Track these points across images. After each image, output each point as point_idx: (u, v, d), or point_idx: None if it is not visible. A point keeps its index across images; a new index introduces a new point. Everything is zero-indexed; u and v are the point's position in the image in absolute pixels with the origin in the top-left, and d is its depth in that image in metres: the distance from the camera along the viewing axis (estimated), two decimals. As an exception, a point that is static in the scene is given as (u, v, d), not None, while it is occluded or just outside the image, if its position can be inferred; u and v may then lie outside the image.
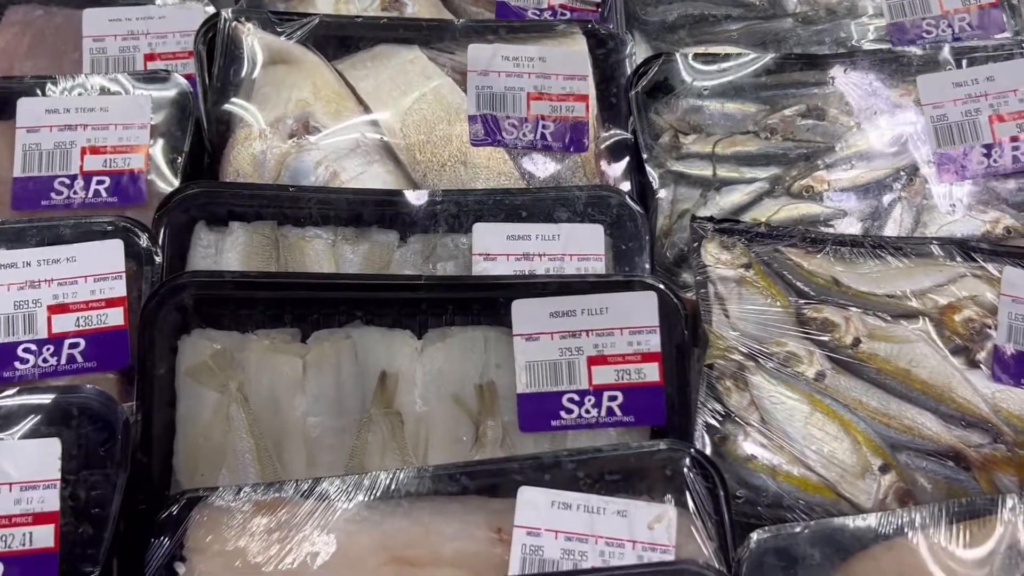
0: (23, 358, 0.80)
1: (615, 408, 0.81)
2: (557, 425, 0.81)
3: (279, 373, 0.81)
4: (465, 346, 0.83)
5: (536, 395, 0.81)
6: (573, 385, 0.82)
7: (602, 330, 0.82)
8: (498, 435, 0.81)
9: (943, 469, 0.83)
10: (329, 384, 0.81)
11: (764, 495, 0.81)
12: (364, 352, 0.82)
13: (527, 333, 0.82)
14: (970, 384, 0.85)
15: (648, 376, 0.82)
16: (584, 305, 0.82)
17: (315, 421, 0.80)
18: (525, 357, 0.82)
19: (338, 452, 0.80)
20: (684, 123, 1.02)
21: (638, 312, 0.82)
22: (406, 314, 0.84)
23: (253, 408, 0.79)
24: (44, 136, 0.92)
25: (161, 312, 0.79)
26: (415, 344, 0.83)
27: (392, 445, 0.80)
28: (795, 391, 0.84)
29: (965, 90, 0.98)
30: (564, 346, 0.82)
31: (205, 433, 0.78)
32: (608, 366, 0.82)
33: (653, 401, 0.82)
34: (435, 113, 0.98)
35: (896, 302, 0.88)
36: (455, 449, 0.81)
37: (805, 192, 0.97)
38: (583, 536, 0.73)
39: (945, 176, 0.98)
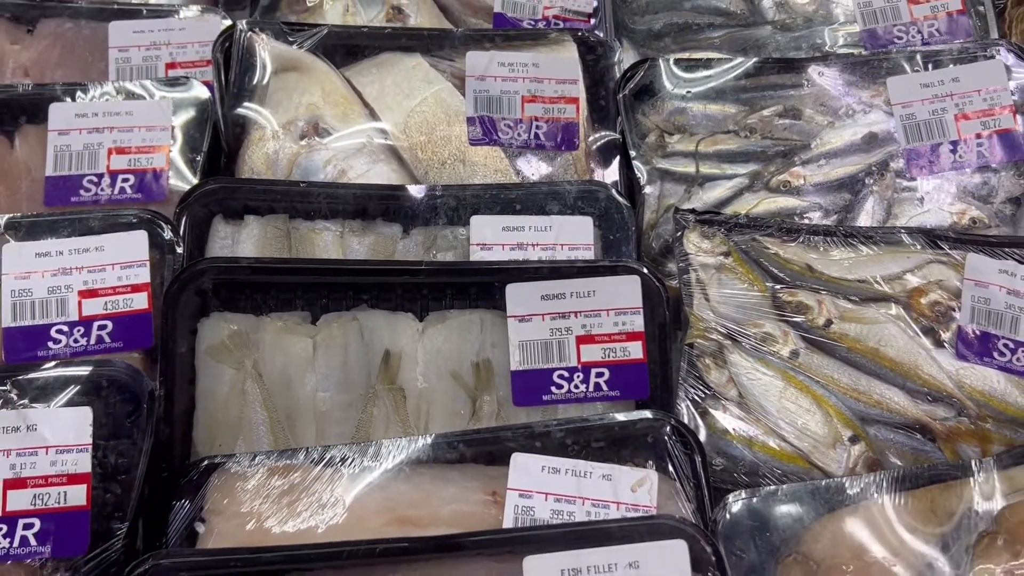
0: (56, 338, 0.86)
1: (602, 384, 0.88)
2: (548, 400, 0.87)
3: (291, 352, 0.87)
4: (463, 327, 0.89)
5: (529, 372, 0.87)
6: (563, 363, 0.88)
7: (590, 311, 0.88)
8: (493, 409, 0.87)
9: (910, 441, 0.89)
10: (337, 362, 0.87)
11: (741, 464, 0.87)
12: (369, 333, 0.88)
13: (520, 315, 0.88)
14: (935, 362, 0.90)
15: (632, 354, 0.88)
16: (573, 288, 0.89)
17: (324, 396, 0.86)
18: (518, 337, 0.88)
19: (345, 425, 0.86)
20: (669, 124, 1.09)
21: (623, 295, 0.88)
22: (408, 298, 0.91)
23: (267, 384, 0.86)
24: (74, 138, 0.99)
25: (183, 296, 0.86)
26: (417, 326, 0.90)
27: (395, 418, 0.86)
28: (771, 368, 0.90)
29: (932, 90, 1.05)
30: (555, 326, 0.88)
31: (223, 407, 0.85)
32: (595, 345, 0.88)
33: (637, 377, 0.88)
34: (436, 115, 1.05)
35: (866, 286, 0.94)
36: (454, 422, 0.87)
37: (783, 187, 1.03)
38: (571, 498, 0.78)
39: (914, 171, 1.04)
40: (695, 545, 0.71)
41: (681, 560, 0.70)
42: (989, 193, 1.03)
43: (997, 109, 1.03)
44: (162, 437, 0.82)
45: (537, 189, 1.00)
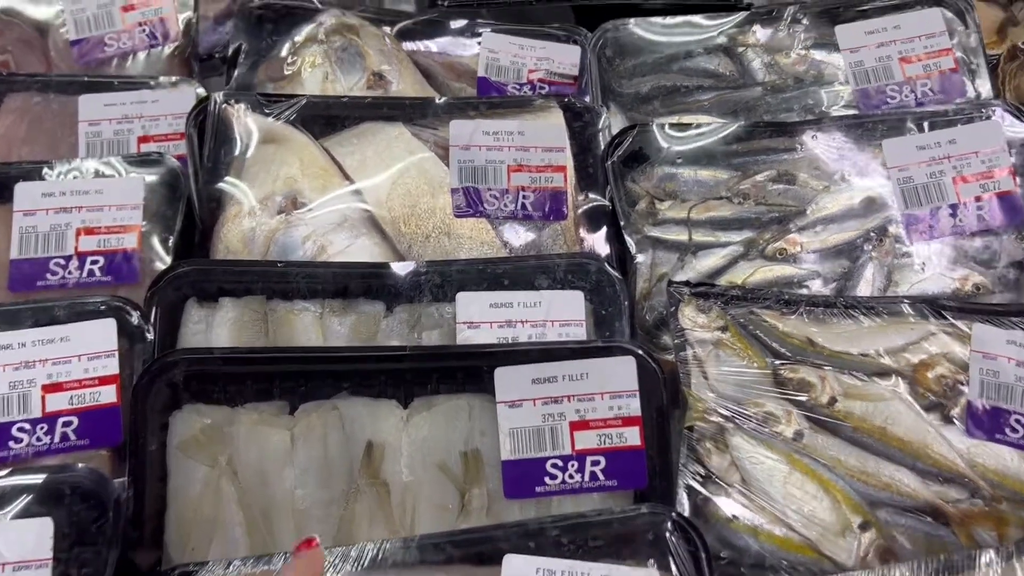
0: (17, 437, 0.81)
1: (598, 472, 0.83)
2: (541, 491, 0.83)
3: (267, 446, 0.82)
4: (450, 415, 0.85)
5: (520, 461, 0.83)
6: (556, 451, 0.83)
7: (583, 395, 0.84)
8: (483, 503, 0.82)
9: (923, 525, 0.84)
10: (317, 455, 0.82)
11: (747, 555, 0.82)
12: (351, 423, 0.84)
13: (510, 400, 0.84)
14: (945, 440, 0.86)
15: (629, 440, 0.84)
16: (565, 371, 0.84)
17: (303, 493, 0.82)
18: (509, 423, 0.83)
19: (326, 523, 0.81)
20: (659, 190, 1.06)
21: (618, 377, 0.84)
22: (392, 384, 0.86)
23: (242, 481, 0.81)
24: (40, 219, 0.95)
25: (152, 388, 0.81)
26: (401, 414, 0.85)
27: (379, 515, 0.81)
28: (774, 451, 0.86)
29: (929, 153, 1.02)
30: (547, 412, 0.84)
31: (195, 507, 0.80)
32: (590, 431, 0.84)
33: (635, 464, 0.84)
34: (419, 186, 1.01)
35: (870, 360, 0.90)
36: (442, 517, 0.82)
37: (779, 254, 1.00)
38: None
39: (914, 236, 1.01)
40: None
41: None
42: (991, 257, 1.00)
43: (996, 171, 1.01)
44: (131, 541, 0.76)
45: (525, 263, 0.96)
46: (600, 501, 0.84)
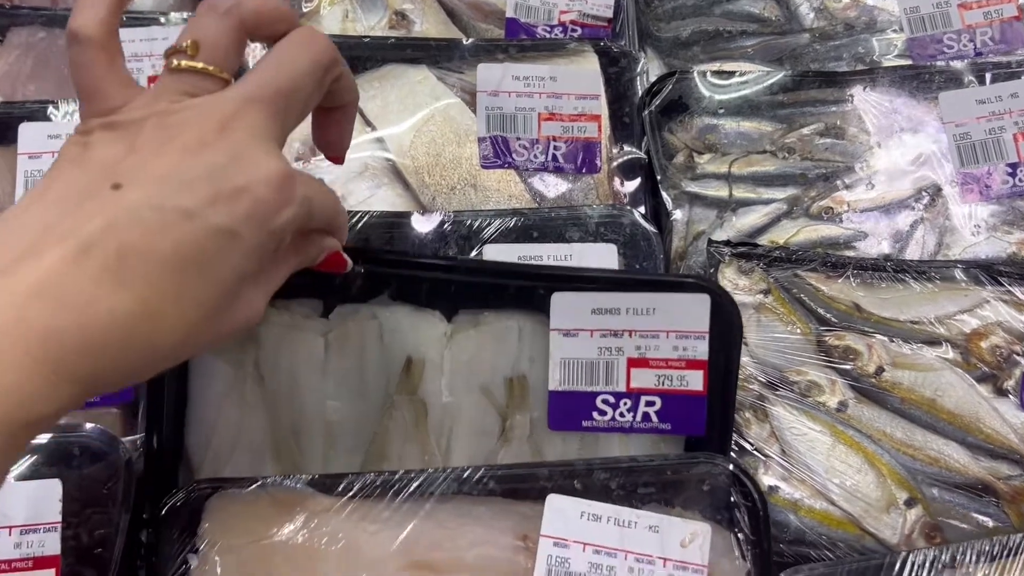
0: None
1: (651, 414, 0.76)
2: (588, 426, 0.77)
3: (299, 352, 0.76)
4: (497, 335, 0.78)
5: (569, 393, 0.77)
6: (610, 386, 0.76)
7: (646, 331, 0.76)
8: (525, 432, 0.77)
9: (971, 502, 0.80)
10: (352, 367, 0.77)
11: (786, 530, 0.79)
12: (390, 334, 0.77)
13: (565, 328, 0.76)
14: (998, 413, 0.82)
15: (691, 384, 0.76)
16: (629, 304, 0.76)
17: (335, 405, 0.76)
18: (561, 353, 0.76)
19: (358, 437, 0.76)
20: (699, 142, 1.00)
21: (688, 315, 0.75)
22: (436, 295, 0.78)
23: (270, 387, 0.76)
24: (46, 162, 0.90)
25: None
26: (444, 328, 0.78)
27: (414, 433, 0.76)
28: (817, 422, 0.82)
29: (988, 107, 0.95)
30: (604, 345, 0.76)
31: (218, 410, 0.75)
32: (649, 370, 0.76)
33: (694, 410, 0.76)
34: (444, 135, 0.96)
35: (920, 328, 0.85)
36: (480, 442, 0.77)
37: (824, 213, 0.95)
38: (612, 550, 0.69)
39: (968, 196, 0.95)
40: None
41: None
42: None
43: (1060, 128, 0.94)
44: (150, 442, 0.72)
45: (556, 215, 0.91)
46: (651, 445, 0.78)
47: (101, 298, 0.43)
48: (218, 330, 0.50)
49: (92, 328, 0.43)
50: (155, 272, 0.44)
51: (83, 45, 0.50)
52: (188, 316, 0.46)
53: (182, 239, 0.45)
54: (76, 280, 0.43)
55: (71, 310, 0.42)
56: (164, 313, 0.45)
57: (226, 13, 0.52)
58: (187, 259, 0.45)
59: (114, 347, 0.44)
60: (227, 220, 0.46)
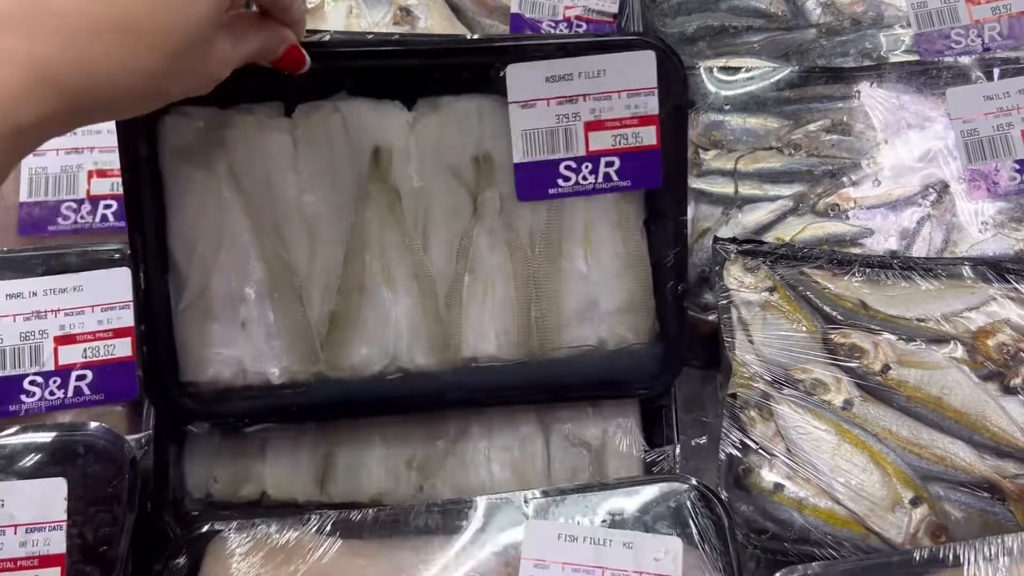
0: (30, 391, 0.78)
1: (612, 173, 0.80)
2: (554, 193, 0.80)
3: (269, 150, 0.78)
4: (459, 117, 0.81)
5: (533, 164, 0.80)
6: (570, 152, 0.80)
7: (599, 94, 0.79)
8: (496, 206, 0.81)
9: (977, 501, 0.80)
10: (322, 160, 0.79)
11: (790, 529, 0.79)
12: (355, 126, 0.79)
13: (523, 100, 0.79)
14: (1005, 412, 0.81)
15: (645, 140, 0.79)
16: (581, 68, 0.78)
17: (311, 199, 0.79)
18: (521, 125, 0.79)
19: (337, 228, 0.79)
20: (704, 139, 0.99)
21: (637, 74, 0.79)
22: (394, 84, 0.81)
23: (245, 188, 0.78)
24: (50, 160, 0.90)
25: None
26: (406, 116, 0.81)
27: (390, 219, 0.80)
28: (822, 420, 0.81)
29: (996, 103, 0.95)
30: (561, 112, 0.79)
31: (197, 213, 0.77)
32: (606, 131, 0.79)
33: (650, 164, 0.80)
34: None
35: (926, 326, 0.85)
36: (454, 221, 0.81)
37: (830, 210, 0.94)
38: (589, 568, 0.72)
39: (976, 193, 0.94)
40: None
41: None
42: (1060, 218, 0.94)
43: (1069, 125, 0.94)
44: (135, 246, 0.75)
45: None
46: (612, 205, 0.82)
47: (79, 8, 0.44)
48: (194, 68, 0.51)
49: (73, 34, 0.44)
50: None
51: None
52: (168, 38, 0.47)
53: None
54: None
55: (48, 17, 0.44)
56: (143, 28, 0.46)
57: None
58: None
59: (97, 56, 0.45)
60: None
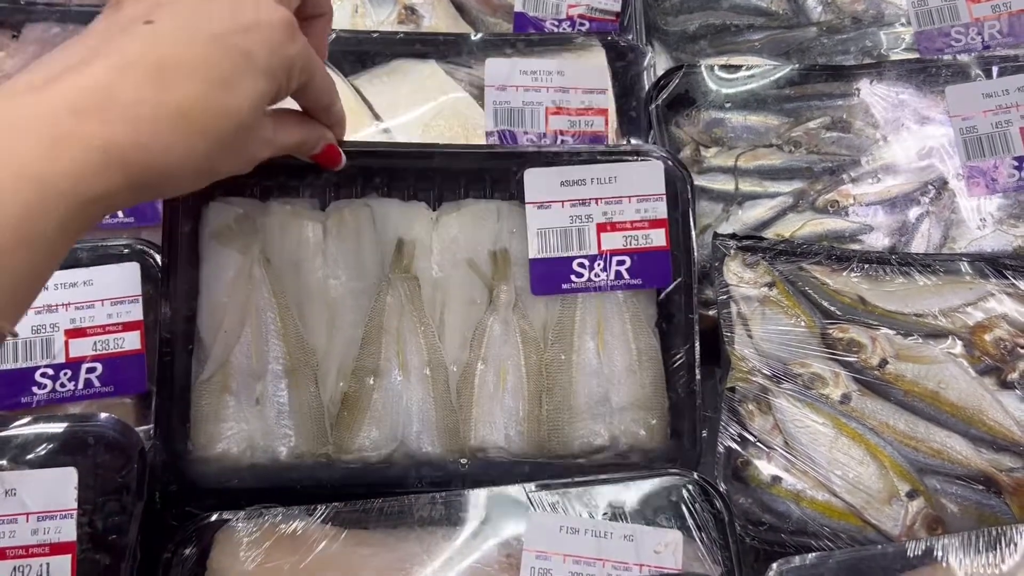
0: (41, 383, 0.79)
1: (623, 271, 0.84)
2: (567, 288, 0.84)
3: (300, 236, 0.83)
4: (479, 215, 0.86)
5: (547, 260, 0.84)
6: (583, 250, 0.84)
7: (611, 198, 0.84)
8: (511, 298, 0.84)
9: (973, 494, 0.81)
10: (349, 248, 0.83)
11: (788, 521, 0.80)
12: (382, 220, 0.85)
13: (539, 201, 0.84)
14: (1001, 406, 0.82)
15: (655, 241, 0.84)
16: (594, 175, 0.84)
17: (335, 283, 0.83)
18: (537, 224, 0.84)
19: (357, 312, 0.83)
20: (705, 136, 1.00)
21: (645, 181, 0.84)
22: (421, 188, 0.86)
23: (275, 270, 0.82)
24: (61, 156, 0.91)
25: None
26: (430, 215, 0.86)
27: (410, 307, 0.83)
28: (820, 414, 0.82)
29: (995, 101, 0.95)
30: (574, 213, 0.84)
31: (228, 292, 0.81)
32: (617, 232, 0.84)
33: (660, 264, 0.84)
34: (452, 128, 0.97)
35: (924, 321, 0.86)
36: (470, 311, 0.84)
37: (830, 207, 0.95)
38: (591, 560, 0.73)
39: (975, 190, 0.95)
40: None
41: None
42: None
43: (1067, 122, 0.94)
44: (163, 317, 0.78)
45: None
46: (623, 301, 0.84)
47: (145, 100, 0.51)
48: (239, 150, 0.59)
49: (139, 121, 0.50)
50: (190, 80, 0.52)
51: None
52: (219, 124, 0.54)
53: (210, 54, 0.54)
54: (122, 85, 0.50)
55: (120, 107, 0.50)
56: (198, 116, 0.53)
57: None
58: (214, 69, 0.54)
59: (159, 139, 0.51)
60: (245, 43, 0.55)
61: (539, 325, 0.84)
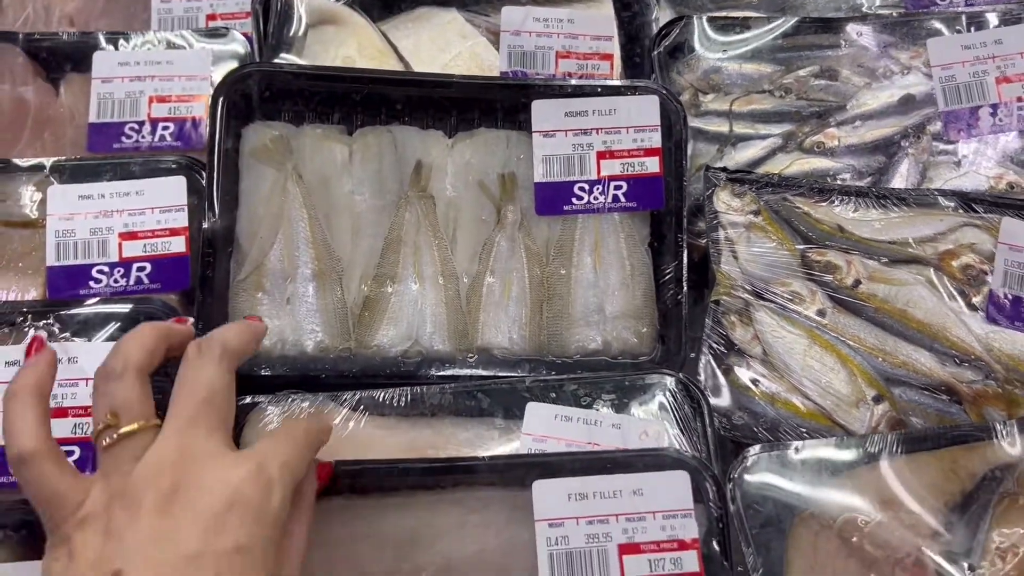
0: (97, 278, 0.89)
1: (620, 195, 0.93)
2: (568, 209, 0.93)
3: (330, 157, 0.93)
4: (490, 142, 0.95)
5: (551, 184, 0.93)
6: (584, 176, 0.93)
7: (610, 128, 0.94)
8: (517, 217, 0.93)
9: (935, 403, 0.88)
10: (372, 169, 0.94)
11: (763, 420, 0.88)
12: (402, 145, 0.94)
13: (545, 130, 0.94)
14: (965, 325, 0.90)
15: (650, 168, 0.93)
16: (595, 106, 0.94)
17: (360, 199, 0.93)
18: (542, 151, 0.93)
19: (379, 226, 0.93)
20: (704, 83, 1.08)
21: (642, 114, 0.94)
22: (439, 117, 0.96)
23: (306, 185, 0.92)
24: (116, 86, 1.01)
25: (230, 97, 0.91)
26: (446, 141, 0.96)
27: (426, 223, 0.93)
28: (796, 327, 0.90)
29: (973, 52, 1.03)
30: (577, 142, 0.94)
31: (265, 203, 0.91)
32: (615, 160, 0.93)
33: (654, 189, 0.94)
34: (470, 70, 1.06)
35: (897, 248, 0.93)
36: (480, 228, 0.94)
37: (816, 147, 1.03)
38: (582, 444, 0.81)
39: (953, 134, 1.02)
40: (697, 476, 0.73)
41: (683, 490, 0.73)
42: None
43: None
44: (208, 225, 0.87)
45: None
46: (619, 222, 0.93)
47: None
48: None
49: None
50: None
51: (29, 462, 0.52)
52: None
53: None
54: None
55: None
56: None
57: (123, 372, 0.55)
58: None
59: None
60: (230, 542, 0.50)
61: (542, 242, 0.93)
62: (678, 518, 0.72)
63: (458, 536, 0.72)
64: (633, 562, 0.70)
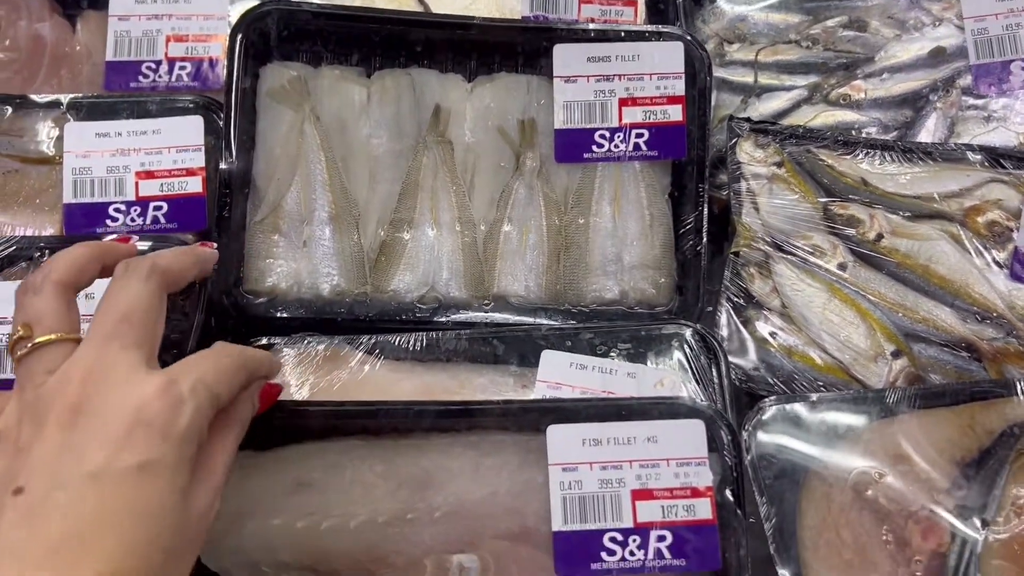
0: (114, 216, 0.89)
1: (641, 144, 0.92)
2: (589, 157, 0.92)
3: (347, 99, 0.92)
4: (510, 87, 0.94)
5: (571, 131, 0.92)
6: (605, 123, 0.91)
7: (633, 75, 0.92)
8: (536, 164, 0.92)
9: (955, 359, 0.87)
10: (390, 112, 0.92)
11: (780, 373, 0.87)
12: (421, 88, 0.93)
13: (566, 76, 0.92)
14: (988, 281, 0.89)
15: (672, 116, 0.91)
16: (618, 52, 0.92)
17: (377, 142, 0.92)
18: (563, 97, 0.92)
19: (396, 170, 0.92)
20: (729, 32, 1.06)
21: (666, 60, 0.91)
22: (458, 60, 0.95)
23: (324, 127, 0.91)
24: (133, 24, 1.00)
25: (248, 35, 0.90)
26: (466, 86, 0.94)
27: (443, 168, 0.92)
28: (816, 280, 0.89)
29: (1007, 4, 1.00)
30: (599, 88, 0.92)
31: (282, 144, 0.90)
32: (637, 107, 0.91)
33: (676, 137, 0.92)
34: (491, 13, 1.04)
35: (921, 203, 0.92)
36: (498, 175, 0.93)
37: (842, 100, 1.01)
38: (596, 391, 0.81)
39: (983, 88, 1.00)
40: (712, 425, 0.73)
41: (698, 438, 0.72)
42: (1061, 115, 0.99)
43: (1077, 26, 0.99)
44: (225, 165, 0.87)
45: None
46: (640, 170, 0.91)
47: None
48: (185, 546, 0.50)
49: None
50: (98, 542, 0.45)
51: None
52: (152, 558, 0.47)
53: (103, 499, 0.46)
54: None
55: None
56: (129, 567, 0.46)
57: (41, 285, 0.54)
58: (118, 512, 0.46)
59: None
60: (133, 459, 0.47)
61: (561, 190, 0.92)
62: (692, 466, 0.72)
63: (472, 478, 0.72)
64: (646, 508, 0.70)
